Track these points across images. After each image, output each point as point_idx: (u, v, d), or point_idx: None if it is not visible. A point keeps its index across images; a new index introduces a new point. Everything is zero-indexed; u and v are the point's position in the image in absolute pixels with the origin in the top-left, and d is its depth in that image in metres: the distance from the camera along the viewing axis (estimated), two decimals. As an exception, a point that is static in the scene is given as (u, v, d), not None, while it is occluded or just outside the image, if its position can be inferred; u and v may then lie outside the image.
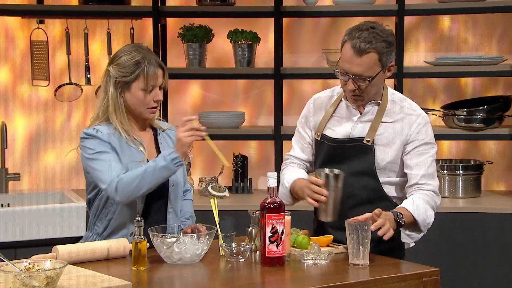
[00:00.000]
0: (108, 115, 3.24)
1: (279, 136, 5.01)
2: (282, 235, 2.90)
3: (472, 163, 5.03)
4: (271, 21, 5.13)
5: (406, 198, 3.27)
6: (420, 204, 3.20)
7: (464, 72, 4.96)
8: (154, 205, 3.26)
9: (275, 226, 2.89)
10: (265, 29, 5.22)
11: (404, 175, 3.28)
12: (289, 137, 4.91)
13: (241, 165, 5.11)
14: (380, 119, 3.25)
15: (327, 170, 3.13)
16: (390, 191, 3.28)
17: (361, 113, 3.29)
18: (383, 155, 3.24)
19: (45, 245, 4.09)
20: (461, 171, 4.92)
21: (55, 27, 5.24)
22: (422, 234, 3.29)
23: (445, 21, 5.24)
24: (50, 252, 3.01)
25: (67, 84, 5.15)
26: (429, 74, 5.03)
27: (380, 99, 3.28)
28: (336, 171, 3.12)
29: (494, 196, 5.02)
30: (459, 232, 4.71)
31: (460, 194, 4.91)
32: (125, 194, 3.11)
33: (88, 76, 5.12)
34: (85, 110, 5.29)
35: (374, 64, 3.14)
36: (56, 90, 5.13)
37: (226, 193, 4.91)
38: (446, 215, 4.69)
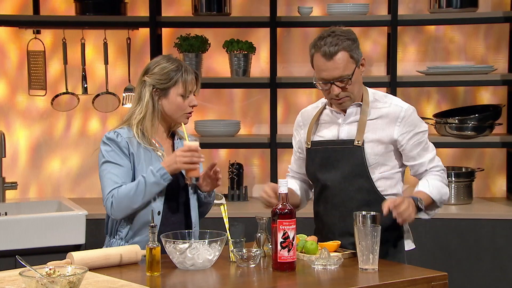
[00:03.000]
0: (131, 121, 3.32)
1: (274, 145, 5.09)
2: (293, 240, 2.97)
3: (464, 170, 5.13)
4: (263, 31, 5.23)
5: (402, 191, 3.41)
6: (436, 184, 3.35)
7: (456, 81, 5.05)
8: (173, 205, 3.35)
9: (286, 232, 2.96)
10: (257, 39, 5.29)
11: (396, 167, 3.37)
12: (284, 145, 5.05)
13: (236, 173, 5.18)
14: (365, 118, 3.34)
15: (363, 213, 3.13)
16: (385, 188, 3.34)
17: (345, 115, 3.38)
18: (374, 151, 3.32)
19: (45, 253, 4.15)
20: (453, 178, 5.01)
21: (47, 36, 5.28)
22: (438, 209, 3.40)
23: (433, 29, 5.34)
24: (53, 260, 3.04)
25: (63, 93, 5.19)
26: (422, 83, 5.12)
27: (361, 100, 3.37)
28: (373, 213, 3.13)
29: (486, 203, 5.12)
30: (452, 238, 4.80)
31: (453, 201, 5.01)
32: (118, 211, 3.24)
33: (85, 85, 5.16)
34: (84, 118, 5.35)
35: (347, 62, 3.25)
36: (53, 100, 5.17)
37: (223, 201, 4.95)
38: (439, 221, 4.79)
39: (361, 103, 3.36)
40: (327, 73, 3.26)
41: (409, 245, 3.45)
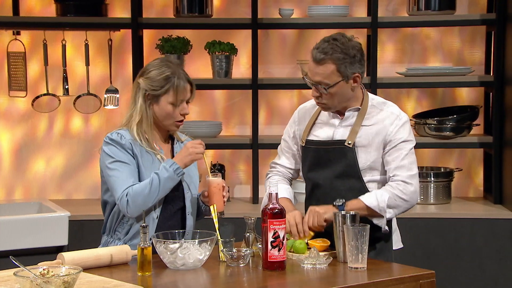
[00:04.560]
0: (130, 124, 3.31)
1: (256, 146, 5.11)
2: (283, 240, 3.00)
3: (442, 170, 5.20)
4: (244, 32, 5.25)
5: None
6: (377, 192, 3.32)
7: (434, 82, 5.12)
8: (171, 209, 3.35)
9: (277, 232, 2.99)
10: (238, 41, 5.31)
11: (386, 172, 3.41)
12: (266, 146, 5.08)
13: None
14: (360, 123, 3.38)
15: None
16: (375, 189, 3.38)
17: (342, 119, 3.42)
18: (366, 156, 3.37)
19: (28, 255, 4.14)
20: (432, 178, 5.08)
21: (26, 37, 5.25)
22: (388, 216, 3.34)
23: (409, 30, 5.40)
24: (38, 261, 3.05)
25: (44, 95, 5.18)
26: (401, 85, 5.19)
27: (360, 105, 3.41)
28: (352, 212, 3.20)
29: (464, 202, 5.20)
30: (432, 237, 4.87)
31: (432, 201, 5.08)
32: (134, 209, 3.22)
33: (66, 87, 5.16)
34: (66, 119, 5.35)
35: (331, 73, 3.27)
36: (33, 101, 5.15)
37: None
38: (419, 220, 4.86)
39: (360, 107, 3.40)
40: (310, 74, 3.33)
41: (397, 244, 3.51)
